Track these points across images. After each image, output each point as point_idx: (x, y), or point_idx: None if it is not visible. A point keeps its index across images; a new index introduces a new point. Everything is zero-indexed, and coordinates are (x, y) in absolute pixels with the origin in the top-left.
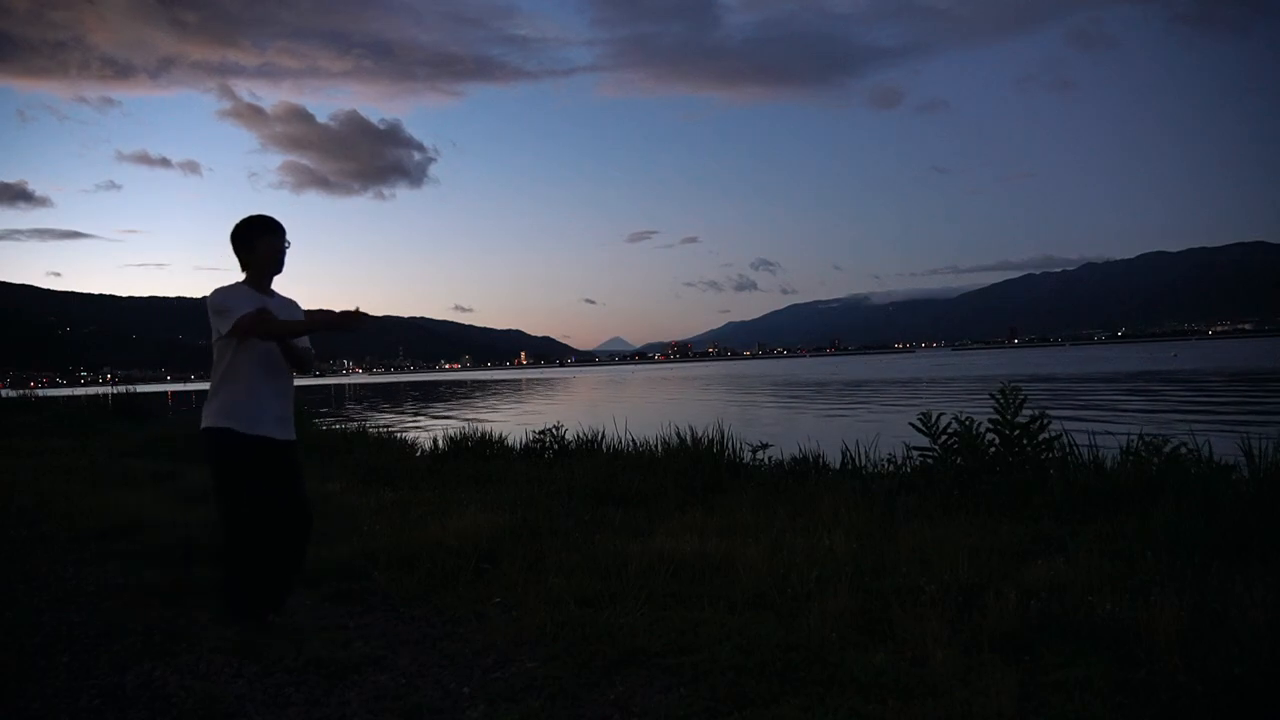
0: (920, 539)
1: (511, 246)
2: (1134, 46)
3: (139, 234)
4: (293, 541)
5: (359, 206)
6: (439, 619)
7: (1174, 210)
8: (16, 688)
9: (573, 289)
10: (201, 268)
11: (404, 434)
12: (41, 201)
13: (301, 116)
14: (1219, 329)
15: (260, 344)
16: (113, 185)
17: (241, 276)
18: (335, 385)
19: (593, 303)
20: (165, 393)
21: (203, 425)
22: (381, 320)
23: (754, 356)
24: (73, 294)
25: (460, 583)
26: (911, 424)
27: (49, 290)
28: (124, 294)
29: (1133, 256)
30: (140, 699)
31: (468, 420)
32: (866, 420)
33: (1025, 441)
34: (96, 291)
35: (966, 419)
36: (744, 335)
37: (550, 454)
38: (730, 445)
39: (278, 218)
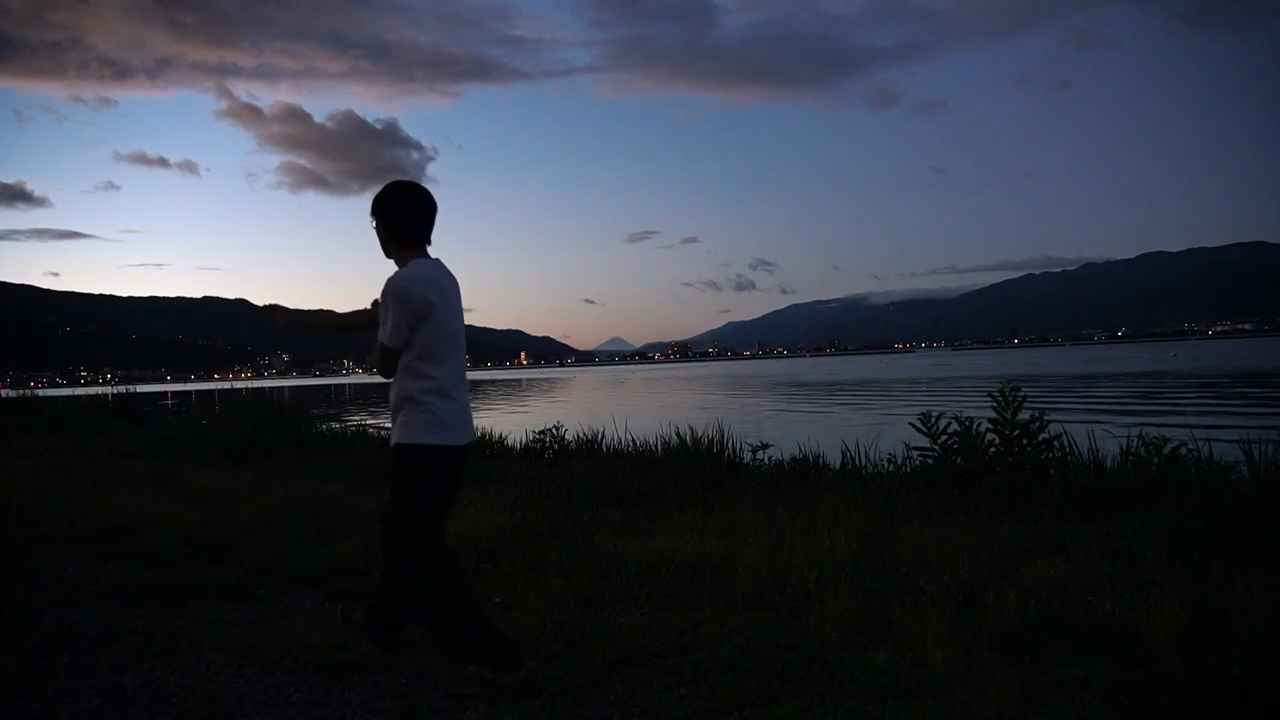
0: (920, 539)
1: (511, 246)
2: (1133, 46)
3: (138, 234)
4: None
5: (358, 206)
6: None
7: (1174, 210)
8: (16, 688)
9: (572, 289)
10: (201, 267)
11: None
12: (40, 202)
13: (299, 116)
14: (1219, 329)
15: None
16: (111, 185)
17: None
18: (335, 385)
19: (592, 303)
20: (165, 393)
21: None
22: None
23: (754, 356)
24: (72, 294)
25: None
26: (911, 424)
27: (49, 290)
28: (124, 294)
29: (1133, 256)
30: (140, 699)
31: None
32: (866, 420)
33: (1025, 441)
34: (96, 291)
35: (966, 419)
36: (744, 335)
37: (550, 454)
38: (730, 445)
39: (277, 217)
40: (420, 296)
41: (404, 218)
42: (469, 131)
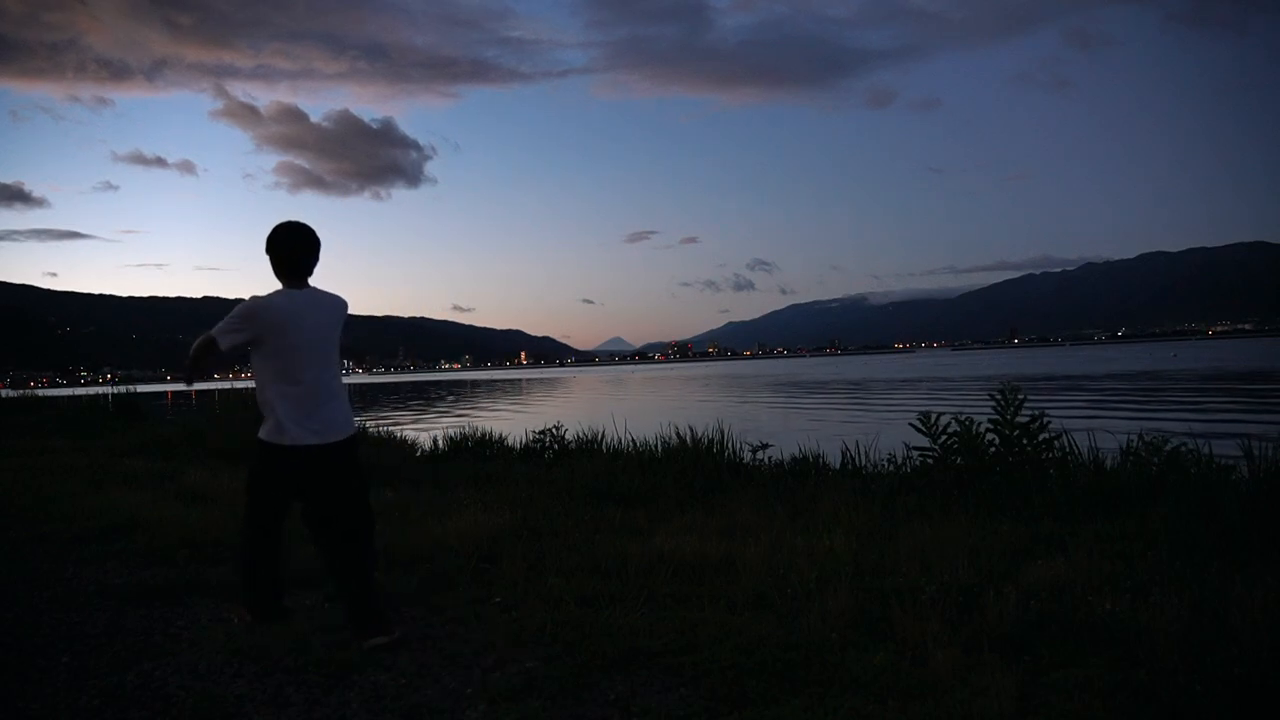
0: (920, 539)
1: (511, 246)
2: (1131, 45)
3: (137, 234)
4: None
5: (356, 206)
6: (439, 619)
7: (1174, 210)
8: (16, 688)
9: (572, 289)
10: (201, 267)
11: (404, 434)
12: (38, 202)
13: (296, 117)
14: (1219, 329)
15: None
16: (109, 186)
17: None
18: None
19: (592, 303)
20: (165, 393)
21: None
22: (381, 320)
23: (754, 356)
24: (72, 294)
25: (460, 583)
26: (911, 424)
27: (48, 290)
28: (124, 294)
29: (1133, 256)
30: (140, 699)
31: (468, 420)
32: (866, 420)
33: (1025, 441)
34: (96, 291)
35: (966, 419)
36: (744, 335)
37: (550, 454)
38: (730, 445)
39: (275, 217)
40: (258, 316)
41: (275, 257)
42: (467, 132)
